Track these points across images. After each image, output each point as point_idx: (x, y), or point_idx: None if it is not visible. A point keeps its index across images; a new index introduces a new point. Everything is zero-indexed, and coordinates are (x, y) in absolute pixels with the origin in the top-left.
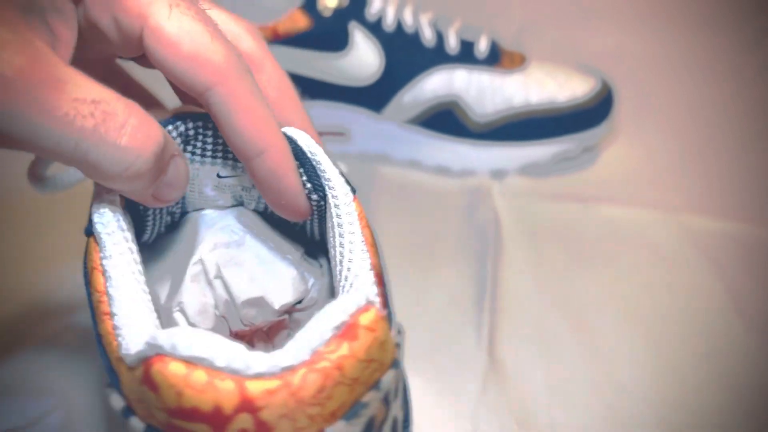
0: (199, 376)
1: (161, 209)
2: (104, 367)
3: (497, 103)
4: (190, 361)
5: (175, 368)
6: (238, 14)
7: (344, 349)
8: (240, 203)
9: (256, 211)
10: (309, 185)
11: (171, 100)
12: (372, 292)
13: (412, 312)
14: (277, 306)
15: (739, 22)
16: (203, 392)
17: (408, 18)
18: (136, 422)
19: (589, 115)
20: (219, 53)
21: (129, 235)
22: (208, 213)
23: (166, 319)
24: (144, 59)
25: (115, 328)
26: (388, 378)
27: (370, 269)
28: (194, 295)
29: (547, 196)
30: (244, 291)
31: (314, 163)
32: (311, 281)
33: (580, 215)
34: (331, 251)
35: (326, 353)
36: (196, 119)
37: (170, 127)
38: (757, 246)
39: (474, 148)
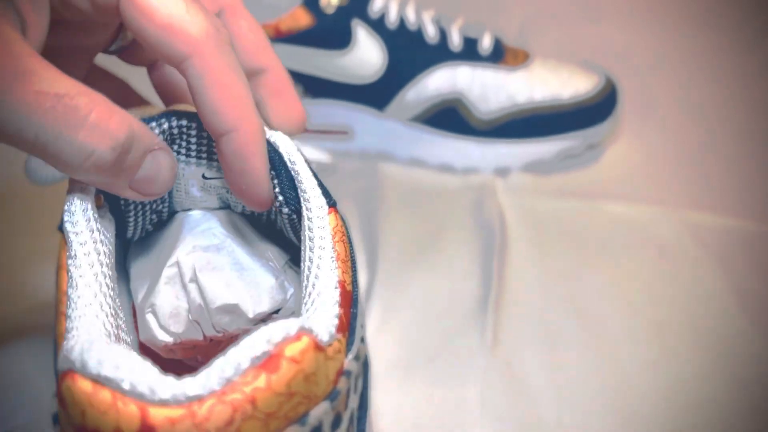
0: (104, 396)
1: (144, 207)
2: (55, 369)
3: (501, 101)
4: (97, 381)
5: (83, 386)
6: None
7: (261, 381)
8: (227, 206)
9: (243, 214)
10: (281, 198)
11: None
12: (331, 313)
13: (415, 311)
14: (251, 314)
15: (740, 20)
16: (105, 413)
17: (411, 15)
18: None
19: (593, 112)
20: (196, 24)
21: (99, 235)
22: (194, 214)
23: (141, 320)
24: (126, 54)
25: (67, 330)
26: (318, 411)
27: (336, 287)
28: (167, 297)
29: (551, 193)
30: (218, 296)
31: (292, 173)
32: (290, 291)
33: (585, 212)
34: (302, 265)
35: (241, 384)
36: (181, 117)
37: (153, 124)
38: (761, 242)
39: (478, 146)
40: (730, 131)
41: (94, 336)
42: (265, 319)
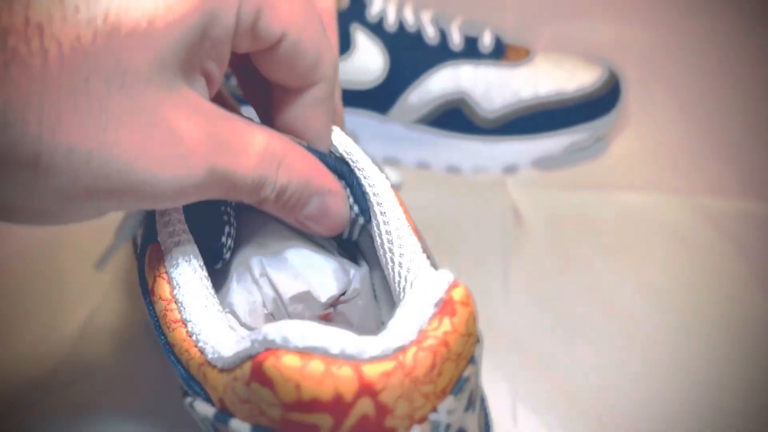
0: (316, 366)
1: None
2: (180, 377)
3: (506, 97)
4: (305, 352)
5: (290, 361)
6: None
7: (446, 324)
8: None
9: None
10: (356, 208)
11: None
12: (436, 272)
13: None
14: (323, 299)
15: (737, 4)
16: (322, 382)
17: (409, 17)
18: (238, 424)
19: (599, 103)
20: (333, 46)
21: (194, 246)
22: (248, 214)
23: None
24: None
25: (191, 334)
26: (479, 351)
27: (423, 252)
28: (242, 295)
29: (562, 187)
30: (290, 287)
31: (345, 155)
32: (352, 272)
33: (599, 204)
34: (377, 240)
35: (430, 331)
36: None
37: None
38: None
39: (485, 145)
40: (737, 113)
41: (223, 335)
42: (333, 303)
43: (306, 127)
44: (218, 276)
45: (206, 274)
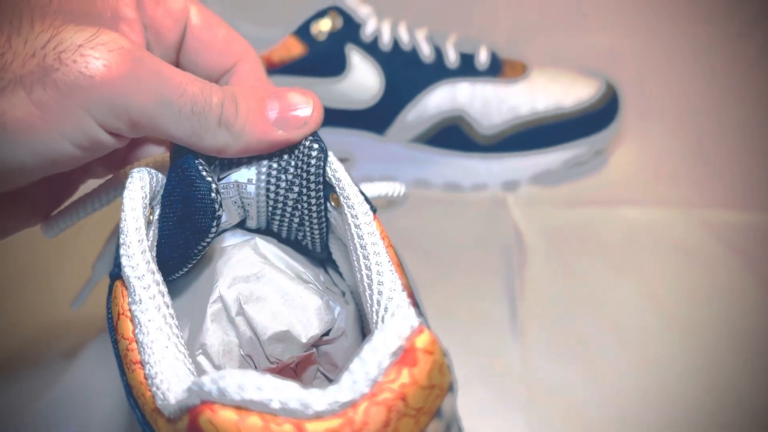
0: (254, 422)
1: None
2: (137, 419)
3: (503, 114)
4: (242, 407)
5: (226, 416)
6: None
7: (405, 376)
8: (244, 219)
9: (268, 234)
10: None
11: None
12: (412, 312)
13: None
14: (304, 339)
15: (730, 11)
16: None
17: (404, 35)
18: None
19: (597, 117)
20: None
21: (159, 278)
22: (224, 247)
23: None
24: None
25: (147, 377)
26: (447, 404)
27: (402, 290)
28: (216, 335)
29: (564, 203)
30: (268, 327)
31: (333, 180)
32: (337, 310)
33: (601, 219)
34: (357, 275)
35: (386, 383)
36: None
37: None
38: None
39: (484, 162)
40: (736, 124)
41: (182, 378)
42: (315, 343)
43: None
44: (186, 288)
45: (172, 312)
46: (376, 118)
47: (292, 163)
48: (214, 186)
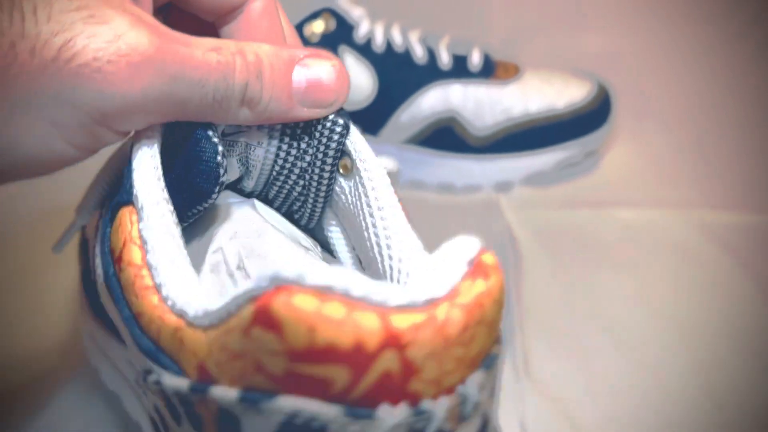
0: (335, 308)
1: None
2: (146, 352)
3: (496, 115)
4: (322, 292)
5: (304, 301)
6: None
7: (480, 285)
8: (241, 177)
9: (265, 201)
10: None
11: None
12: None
13: None
14: None
15: (724, 12)
16: (341, 326)
17: (397, 37)
18: (222, 391)
19: (589, 119)
20: None
21: (172, 208)
22: (229, 202)
23: None
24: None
25: (165, 299)
26: (502, 336)
27: (424, 250)
28: (215, 286)
29: (556, 204)
30: None
31: (350, 145)
32: None
33: (594, 220)
34: (368, 243)
35: (464, 289)
36: None
37: None
38: None
39: (477, 163)
40: (728, 124)
41: (206, 294)
42: None
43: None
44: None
45: (183, 242)
46: (369, 119)
47: (311, 134)
48: (220, 149)
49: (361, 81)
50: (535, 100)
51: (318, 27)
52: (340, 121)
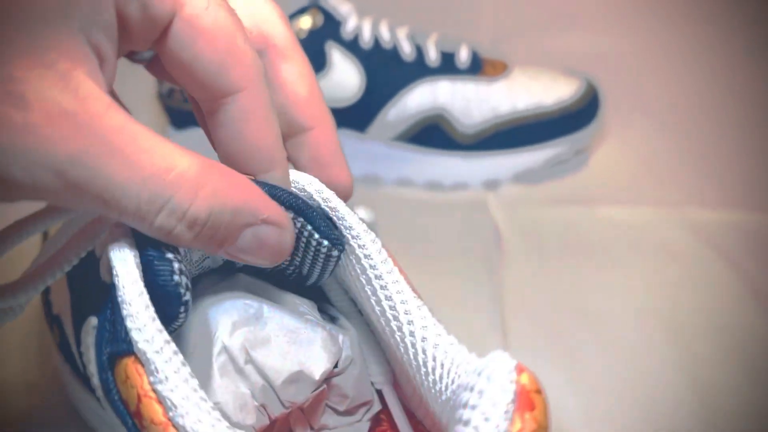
0: None
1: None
2: None
3: (484, 113)
4: None
5: None
6: None
7: (529, 422)
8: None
9: (248, 272)
10: (317, 236)
11: None
12: (503, 353)
13: None
14: (317, 376)
15: (714, 12)
16: None
17: (385, 33)
18: None
19: (577, 116)
20: (249, 54)
21: (174, 345)
22: (207, 288)
23: None
24: (153, 64)
25: None
26: None
27: (433, 317)
28: (229, 389)
29: (544, 202)
30: (280, 370)
31: (327, 210)
32: (341, 338)
33: (582, 218)
34: (366, 305)
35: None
36: None
37: None
38: (762, 232)
39: (464, 160)
40: (716, 123)
41: None
42: (326, 377)
43: (242, 146)
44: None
45: (196, 381)
46: (356, 116)
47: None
48: (176, 266)
49: (349, 77)
50: (523, 98)
51: (305, 23)
52: (325, 243)
